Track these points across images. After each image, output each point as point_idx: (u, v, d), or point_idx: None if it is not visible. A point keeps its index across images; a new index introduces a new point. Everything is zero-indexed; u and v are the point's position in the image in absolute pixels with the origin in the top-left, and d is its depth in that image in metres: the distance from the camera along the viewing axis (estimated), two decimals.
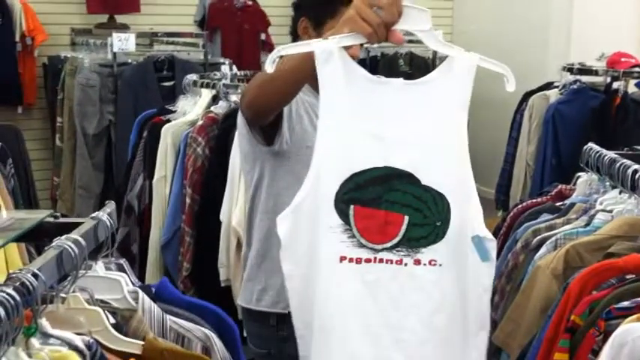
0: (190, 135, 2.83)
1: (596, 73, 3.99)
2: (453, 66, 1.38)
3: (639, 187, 1.62)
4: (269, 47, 5.70)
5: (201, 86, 3.10)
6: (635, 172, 1.63)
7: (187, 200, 2.82)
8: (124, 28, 5.00)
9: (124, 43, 4.30)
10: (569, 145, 3.88)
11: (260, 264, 1.87)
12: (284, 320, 1.81)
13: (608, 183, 1.82)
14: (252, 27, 5.55)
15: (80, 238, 1.11)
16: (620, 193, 1.74)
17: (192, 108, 3.07)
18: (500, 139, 4.42)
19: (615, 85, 3.87)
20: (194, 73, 3.47)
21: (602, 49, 4.29)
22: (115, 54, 4.38)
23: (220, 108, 2.94)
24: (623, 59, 4.02)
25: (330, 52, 1.26)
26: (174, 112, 3.12)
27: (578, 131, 3.89)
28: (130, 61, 4.55)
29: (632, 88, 3.97)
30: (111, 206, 1.22)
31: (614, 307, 1.31)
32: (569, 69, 4.09)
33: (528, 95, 4.17)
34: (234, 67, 4.76)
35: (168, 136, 2.93)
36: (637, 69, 3.96)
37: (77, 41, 4.94)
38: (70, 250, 1.07)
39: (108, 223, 1.19)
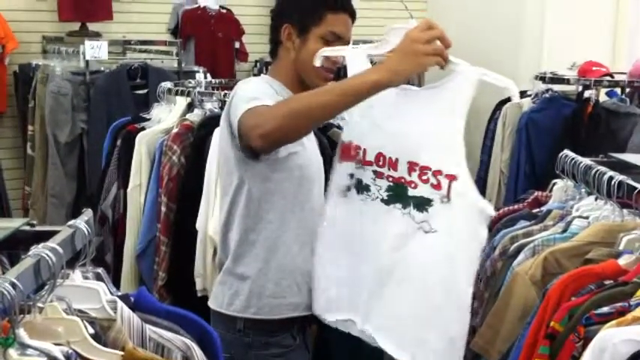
0: (166, 143, 2.81)
1: (567, 81, 4.05)
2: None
3: (615, 193, 1.64)
4: (243, 55, 5.70)
5: (176, 94, 3.07)
6: (611, 178, 1.65)
7: (163, 209, 2.79)
8: (96, 36, 4.95)
9: (96, 50, 4.26)
10: (542, 152, 3.92)
11: (234, 268, 1.87)
12: (251, 326, 1.83)
13: (583, 190, 1.84)
14: (226, 35, 5.54)
15: (57, 247, 1.09)
16: (596, 199, 1.76)
17: (167, 116, 3.04)
18: (474, 147, 4.46)
19: (587, 93, 3.92)
20: (168, 81, 3.45)
21: (574, 58, 4.36)
22: (87, 62, 4.33)
23: (196, 116, 2.92)
24: (594, 68, 4.08)
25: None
26: (149, 120, 3.09)
27: (551, 139, 3.93)
28: (102, 69, 4.51)
29: (603, 97, 4.04)
30: (88, 214, 1.20)
31: (593, 312, 1.32)
32: (542, 78, 4.14)
33: (502, 104, 4.21)
34: (209, 75, 4.76)
35: (143, 144, 2.89)
36: (608, 78, 4.03)
37: (49, 49, 4.88)
38: (47, 258, 1.05)
39: (85, 231, 1.17)
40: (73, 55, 4.51)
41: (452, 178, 1.57)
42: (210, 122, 2.86)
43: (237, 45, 5.63)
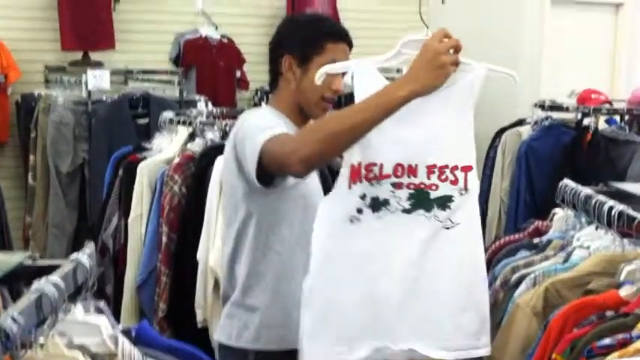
0: (167, 173, 2.82)
1: (566, 109, 4.07)
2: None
3: (615, 223, 1.64)
4: (244, 84, 5.73)
5: (178, 124, 3.09)
6: (611, 208, 1.65)
7: (164, 239, 2.79)
8: (98, 65, 4.99)
9: (98, 80, 4.29)
10: (542, 181, 3.94)
11: (243, 300, 1.85)
12: (262, 358, 1.81)
13: (584, 219, 1.84)
14: (227, 64, 5.57)
15: (60, 281, 1.10)
16: (596, 229, 1.77)
17: (168, 145, 3.05)
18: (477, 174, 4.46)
19: (586, 121, 3.95)
20: (169, 110, 3.47)
21: (573, 85, 4.39)
22: (89, 91, 4.36)
23: (197, 145, 2.93)
24: (593, 96, 4.12)
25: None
26: (150, 149, 3.10)
27: (551, 167, 3.95)
28: (104, 98, 4.54)
29: (602, 125, 4.06)
30: (90, 247, 1.21)
31: (595, 344, 1.32)
32: (541, 105, 4.17)
33: (501, 132, 4.23)
34: (210, 104, 4.79)
35: (144, 174, 2.90)
36: (607, 105, 4.05)
37: (51, 79, 4.91)
38: (49, 293, 1.05)
39: (87, 265, 1.17)
40: (75, 85, 4.54)
41: (468, 169, 1.64)
42: (212, 152, 2.87)
43: (238, 74, 5.66)
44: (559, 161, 3.97)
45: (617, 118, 4.07)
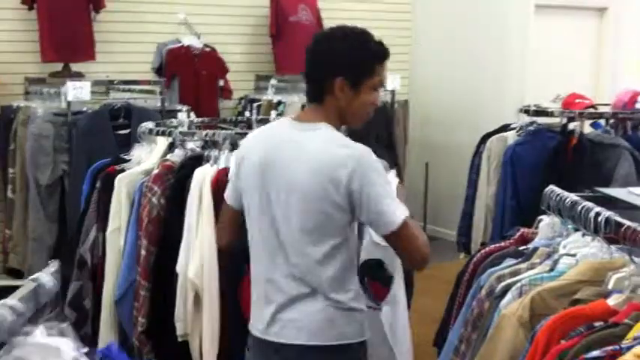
0: (146, 184, 2.75)
1: (551, 114, 4.04)
2: None
3: (602, 229, 1.60)
4: (227, 93, 5.68)
5: (157, 134, 3.02)
6: (598, 214, 1.61)
7: (142, 252, 2.71)
8: (78, 76, 4.92)
9: (78, 91, 4.22)
10: (528, 186, 3.89)
11: (347, 304, 1.96)
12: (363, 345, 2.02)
13: (570, 226, 1.79)
14: (210, 73, 5.53)
15: (19, 304, 1.03)
16: (583, 235, 1.72)
17: (147, 157, 2.98)
18: (460, 181, 4.44)
19: (571, 125, 3.92)
20: (151, 121, 3.40)
21: (558, 90, 4.37)
22: (69, 103, 4.29)
23: (177, 156, 2.87)
24: (577, 100, 4.09)
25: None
26: (129, 161, 3.03)
27: (536, 172, 3.91)
28: (85, 109, 4.47)
29: (587, 129, 4.03)
30: (54, 265, 1.14)
31: (583, 356, 1.27)
32: (526, 110, 4.14)
33: (486, 137, 4.19)
34: (192, 114, 4.72)
35: (123, 186, 2.83)
36: (592, 110, 4.03)
37: (31, 90, 4.83)
38: (3, 317, 0.99)
39: (50, 285, 1.11)
40: (55, 96, 4.46)
41: None
42: (191, 162, 2.82)
43: (221, 83, 5.62)
44: (545, 166, 3.93)
45: (603, 121, 4.04)
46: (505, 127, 4.22)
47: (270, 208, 1.93)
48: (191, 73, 5.45)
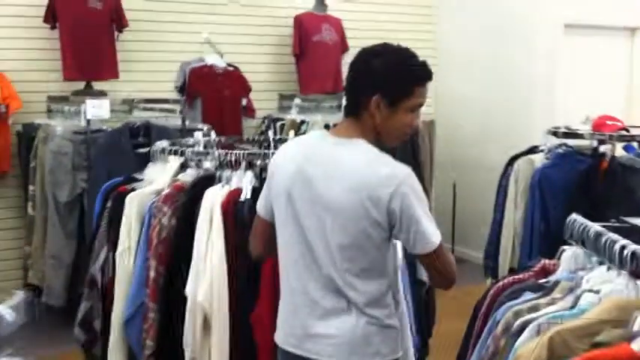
0: (155, 204, 2.68)
1: (581, 136, 3.89)
2: None
3: (628, 264, 1.47)
4: (250, 112, 5.63)
5: (169, 153, 2.96)
6: (623, 248, 1.48)
7: (151, 273, 2.65)
8: (101, 94, 4.91)
9: (97, 109, 4.20)
10: (558, 210, 3.74)
11: (384, 321, 1.93)
12: None
13: (594, 258, 1.67)
14: (233, 92, 5.48)
15: None
16: (607, 269, 1.59)
17: (160, 176, 2.92)
18: (488, 202, 4.29)
19: (602, 148, 3.76)
20: (172, 139, 3.35)
21: (588, 110, 4.22)
22: (88, 121, 4.26)
23: (189, 176, 2.80)
24: (608, 122, 3.94)
25: None
26: (142, 180, 2.97)
27: (566, 196, 3.76)
28: (105, 128, 4.44)
29: (619, 152, 3.88)
30: (17, 297, 1.06)
31: None
32: (554, 132, 4.00)
33: (514, 159, 4.06)
34: (213, 133, 4.67)
35: (134, 205, 2.77)
36: (623, 132, 3.87)
37: (53, 108, 4.83)
38: None
39: (8, 318, 1.02)
40: (75, 114, 4.46)
41: None
42: (203, 183, 2.75)
43: (244, 102, 5.57)
44: (575, 190, 3.78)
45: (636, 144, 3.88)
46: (533, 149, 4.08)
47: (302, 221, 1.89)
48: (214, 92, 5.42)
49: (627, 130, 3.89)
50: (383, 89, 1.86)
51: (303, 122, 5.27)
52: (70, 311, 3.45)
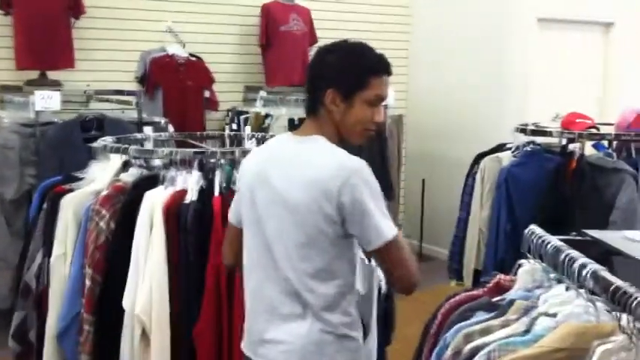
0: (93, 207, 2.50)
1: (550, 134, 3.76)
2: None
3: (587, 285, 1.32)
4: (213, 104, 5.43)
5: (111, 151, 2.76)
6: (583, 266, 1.33)
7: (87, 282, 2.46)
8: (56, 85, 4.68)
9: (47, 101, 3.97)
10: (525, 210, 3.63)
11: (346, 332, 1.87)
12: None
13: (552, 275, 1.52)
14: (196, 84, 5.28)
15: None
16: (567, 289, 1.45)
17: (101, 175, 2.73)
18: (458, 199, 4.15)
19: (571, 146, 3.64)
20: (126, 134, 3.15)
21: (561, 108, 4.09)
22: (37, 113, 4.04)
23: (130, 176, 2.62)
24: (578, 120, 3.81)
25: None
26: (82, 179, 2.78)
27: (533, 196, 3.65)
28: (56, 120, 4.22)
29: (590, 150, 3.75)
30: None
31: None
32: (522, 130, 3.86)
33: (480, 157, 3.92)
34: (171, 127, 4.47)
35: (70, 207, 2.58)
36: (593, 130, 3.74)
37: (5, 99, 4.59)
38: None
39: None
40: (25, 106, 4.22)
41: None
42: (145, 183, 2.57)
43: (207, 94, 5.37)
44: (542, 189, 3.66)
45: (605, 143, 3.75)
46: (500, 147, 3.95)
47: (263, 222, 1.86)
48: (176, 84, 5.20)
49: (597, 128, 3.76)
50: (336, 82, 1.83)
51: (267, 116, 5.09)
52: None
